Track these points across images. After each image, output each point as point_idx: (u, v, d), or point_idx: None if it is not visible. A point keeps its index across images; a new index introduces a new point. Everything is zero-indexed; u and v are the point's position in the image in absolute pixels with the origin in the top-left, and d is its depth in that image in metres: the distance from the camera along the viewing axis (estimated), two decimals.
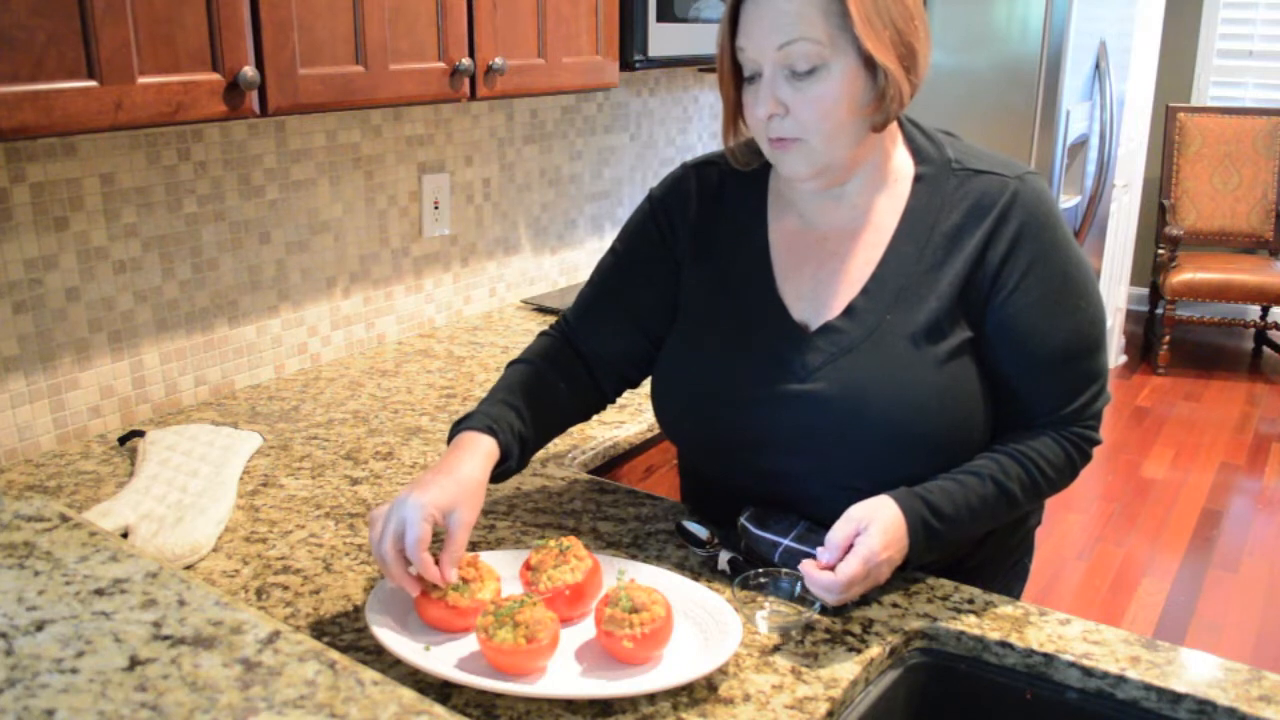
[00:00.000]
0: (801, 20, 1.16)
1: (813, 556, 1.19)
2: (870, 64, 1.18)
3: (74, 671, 0.86)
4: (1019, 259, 1.24)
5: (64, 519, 1.12)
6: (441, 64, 1.72)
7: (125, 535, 1.35)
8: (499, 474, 1.28)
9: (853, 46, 1.17)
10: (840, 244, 1.30)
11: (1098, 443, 1.32)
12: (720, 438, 1.33)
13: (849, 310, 1.27)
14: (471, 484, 1.19)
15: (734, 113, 1.28)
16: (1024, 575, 1.53)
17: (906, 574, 1.30)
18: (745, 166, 1.36)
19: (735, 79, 1.25)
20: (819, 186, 1.27)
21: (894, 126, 1.30)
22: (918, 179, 1.29)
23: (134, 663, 0.88)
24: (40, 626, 0.92)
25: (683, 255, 1.38)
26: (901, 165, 1.30)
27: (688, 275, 1.38)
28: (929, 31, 1.23)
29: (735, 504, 1.34)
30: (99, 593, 0.98)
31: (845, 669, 1.12)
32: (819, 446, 1.26)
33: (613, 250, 1.45)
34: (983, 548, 1.38)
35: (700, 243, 1.37)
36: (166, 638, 0.91)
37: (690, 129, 3.01)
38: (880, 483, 1.23)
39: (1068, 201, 3.70)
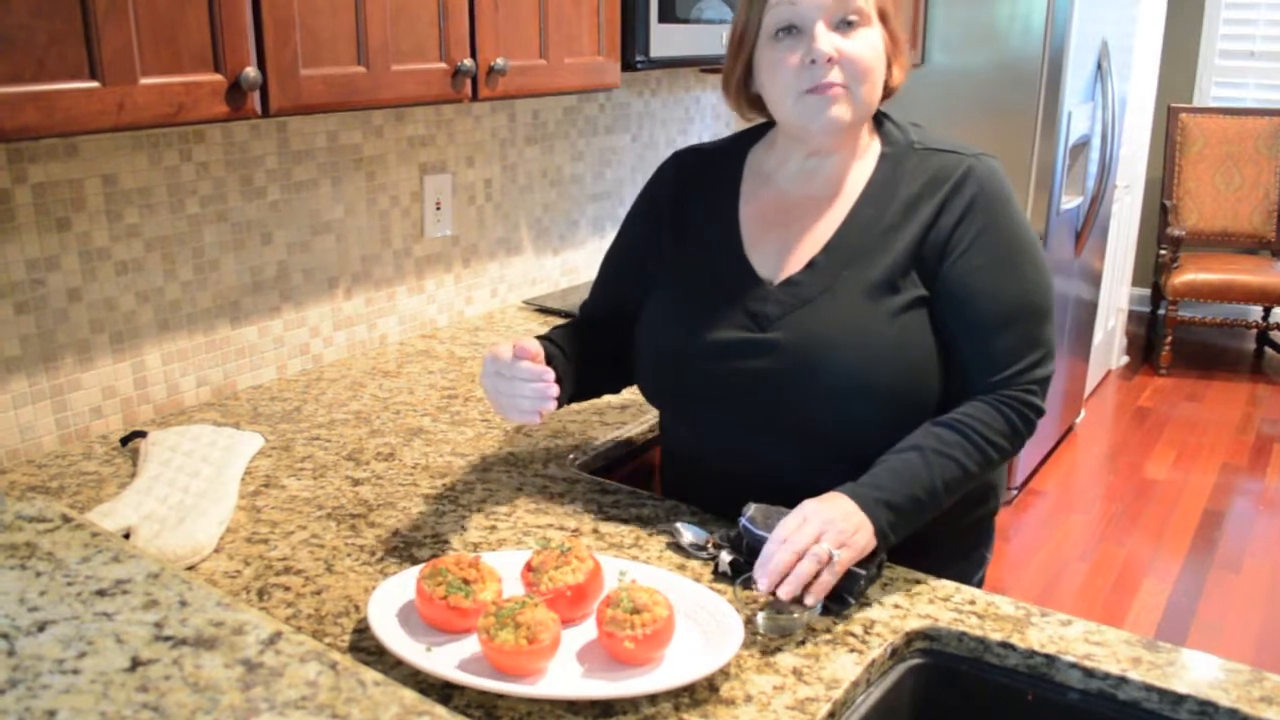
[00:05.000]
0: None
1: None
2: (891, 40, 1.35)
3: (75, 672, 0.86)
4: (970, 225, 1.33)
5: (66, 520, 1.12)
6: (443, 64, 1.72)
7: (127, 536, 1.35)
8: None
9: (877, 18, 1.34)
10: (808, 211, 1.40)
11: (1040, 410, 1.36)
12: (686, 390, 1.41)
13: (810, 266, 1.36)
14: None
15: (741, 87, 1.40)
16: (980, 564, 1.56)
17: (907, 575, 1.30)
18: (750, 121, 1.48)
19: (754, 40, 1.35)
20: (838, 144, 1.37)
21: None
22: (883, 156, 1.40)
23: (135, 663, 0.88)
24: (42, 627, 0.92)
25: (666, 238, 1.48)
26: (872, 145, 1.42)
27: (667, 251, 1.48)
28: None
29: (710, 476, 1.44)
30: (101, 593, 0.98)
31: (847, 670, 1.12)
32: (779, 396, 1.33)
33: (614, 241, 1.58)
34: (936, 535, 1.38)
35: (680, 221, 1.48)
36: (168, 638, 0.91)
37: (692, 130, 3.01)
38: (840, 439, 1.31)
39: (1069, 203, 3.70)
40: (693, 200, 1.48)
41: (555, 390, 1.28)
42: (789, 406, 1.33)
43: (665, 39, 2.16)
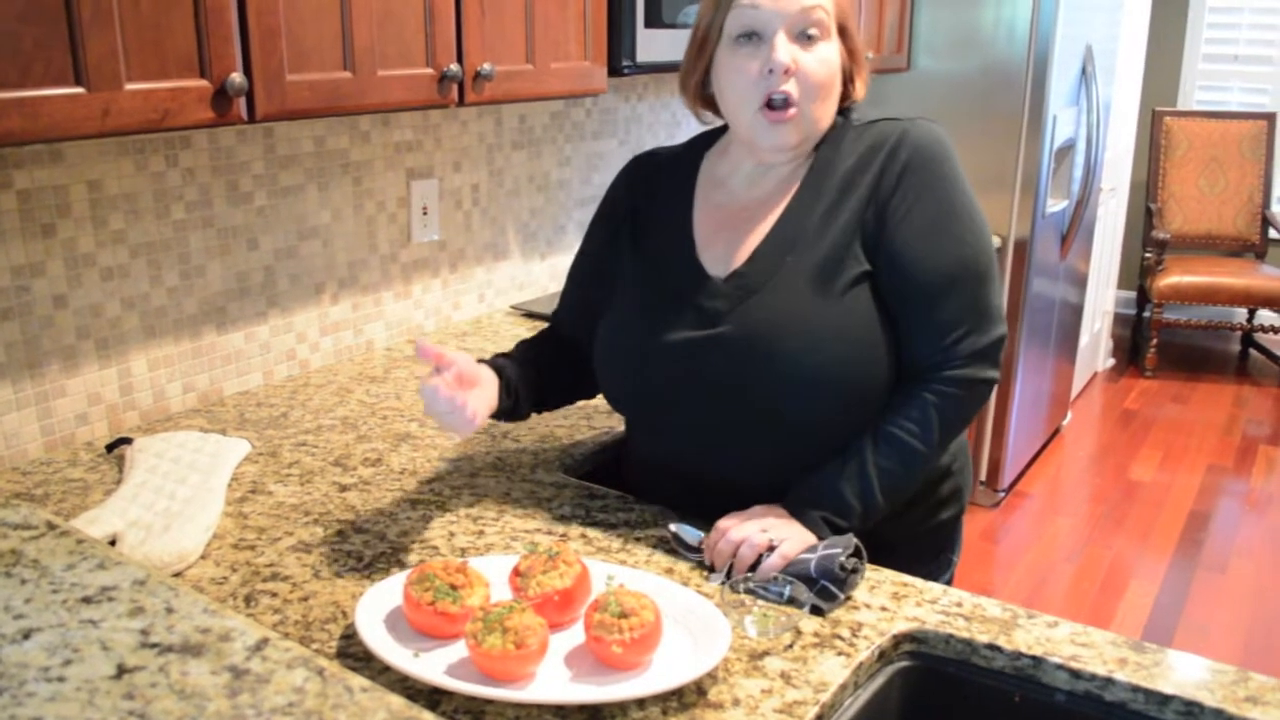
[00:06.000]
0: None
1: (801, 561, 1.25)
2: (850, 54, 1.36)
3: (61, 680, 0.86)
4: (907, 189, 1.33)
5: (51, 527, 1.12)
6: (430, 70, 1.72)
7: (113, 543, 1.34)
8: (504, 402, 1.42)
9: (836, 33, 1.34)
10: (757, 210, 1.41)
11: (990, 380, 1.36)
12: (645, 393, 1.43)
13: (753, 257, 1.37)
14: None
15: (699, 91, 1.41)
16: (947, 568, 1.58)
17: (894, 578, 1.30)
18: (704, 123, 1.49)
19: (714, 44, 1.36)
20: (789, 158, 1.39)
21: None
22: (822, 143, 1.40)
23: (121, 671, 0.87)
24: (27, 635, 0.92)
25: (624, 244, 1.50)
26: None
27: (625, 255, 1.49)
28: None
29: (673, 477, 1.45)
30: (86, 601, 0.98)
31: (834, 673, 1.12)
32: (734, 391, 1.34)
33: (580, 248, 1.60)
34: (899, 539, 1.42)
35: (637, 226, 1.49)
36: (154, 645, 0.91)
37: (679, 134, 3.02)
38: (799, 429, 1.33)
39: (1055, 206, 3.71)
40: (649, 205, 1.49)
41: (471, 414, 1.28)
42: (745, 400, 1.34)
43: (651, 44, 2.16)
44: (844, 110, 1.41)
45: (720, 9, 1.33)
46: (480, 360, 1.43)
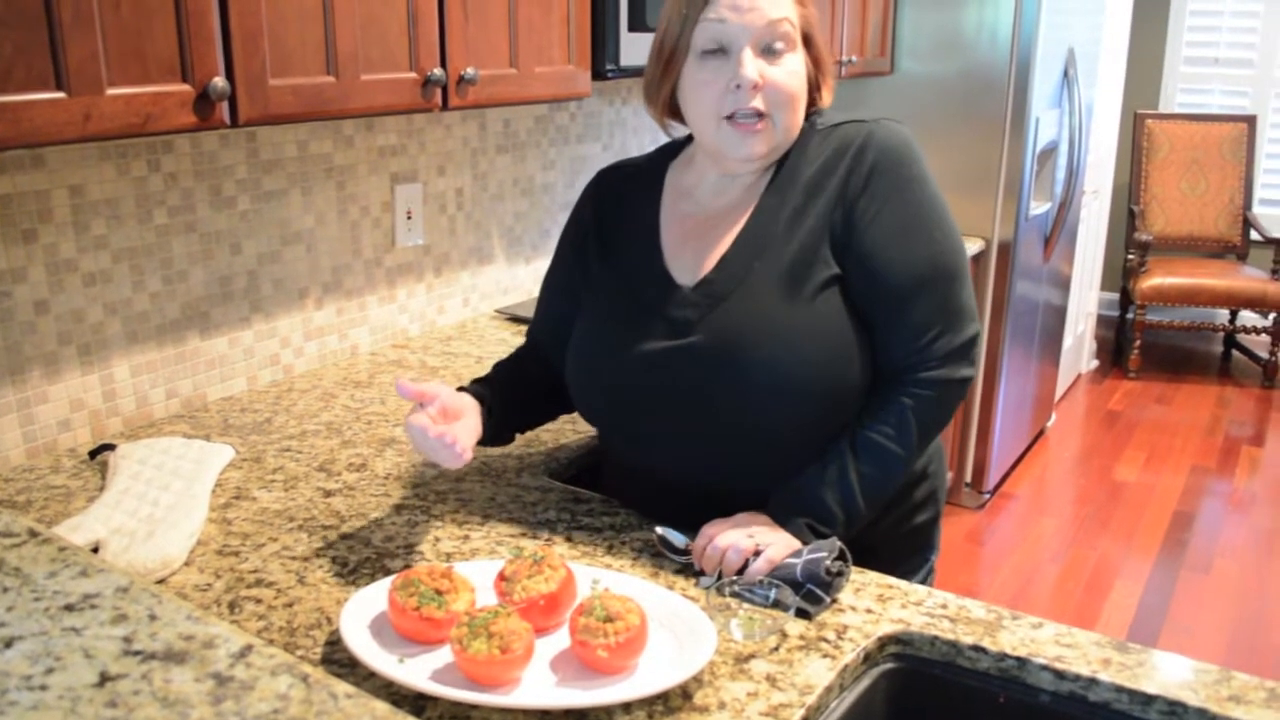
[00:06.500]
0: (784, 3, 1.32)
1: (787, 566, 1.26)
2: (815, 64, 1.37)
3: (43, 688, 0.85)
4: (874, 191, 1.32)
5: (33, 534, 1.11)
6: (413, 74, 1.72)
7: (96, 550, 1.34)
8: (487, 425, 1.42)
9: (802, 43, 1.35)
10: (723, 217, 1.41)
11: (965, 379, 1.36)
12: (617, 406, 1.42)
13: (721, 264, 1.36)
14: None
15: (667, 103, 1.41)
16: (925, 568, 1.58)
17: (879, 580, 1.31)
18: (669, 134, 1.50)
19: (683, 58, 1.35)
20: (757, 168, 1.38)
21: None
22: (789, 150, 1.40)
23: (104, 679, 0.87)
24: (9, 643, 0.91)
25: (591, 256, 1.49)
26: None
27: (593, 268, 1.48)
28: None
29: (651, 486, 1.45)
30: (69, 608, 0.97)
31: (820, 675, 1.12)
32: (707, 400, 1.33)
33: (551, 263, 1.58)
34: (874, 543, 1.42)
35: (604, 241, 1.48)
36: (137, 653, 0.90)
37: (662, 138, 3.01)
38: (774, 436, 1.33)
39: (1038, 208, 3.73)
40: (615, 218, 1.48)
41: (461, 449, 1.28)
42: (719, 408, 1.33)
43: (634, 47, 2.16)
44: (809, 115, 1.41)
45: (686, 23, 1.32)
46: (460, 389, 1.43)
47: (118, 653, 0.90)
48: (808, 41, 1.35)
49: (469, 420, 1.36)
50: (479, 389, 1.46)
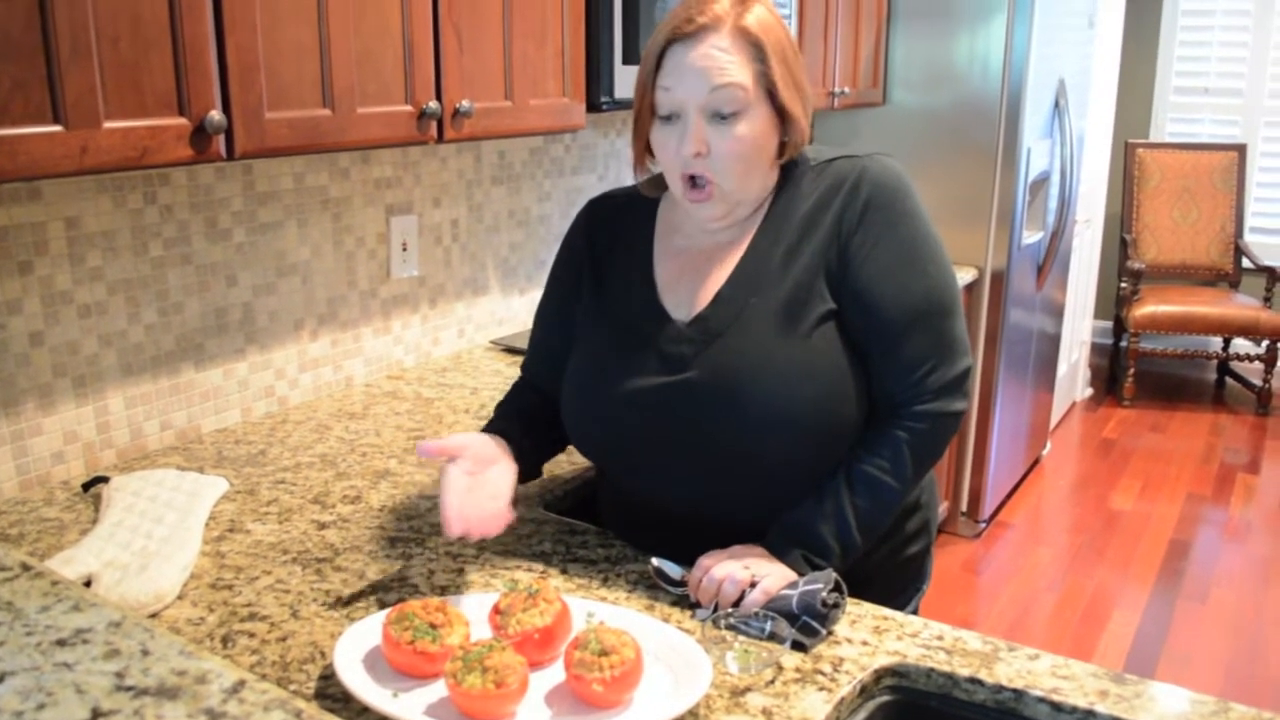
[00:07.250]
0: (732, 67, 1.28)
1: (783, 598, 1.26)
2: (780, 114, 1.32)
3: None
4: (869, 228, 1.33)
5: (25, 568, 1.10)
6: (409, 107, 1.73)
7: (88, 584, 1.33)
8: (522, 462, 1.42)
9: (767, 97, 1.31)
10: (717, 252, 1.41)
11: (958, 412, 1.37)
12: (612, 440, 1.42)
13: (716, 299, 1.37)
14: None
15: (644, 148, 1.40)
16: (916, 597, 1.59)
17: (875, 611, 1.30)
18: (654, 194, 1.49)
19: (650, 117, 1.35)
20: (726, 223, 1.39)
21: None
22: (780, 186, 1.40)
23: (96, 715, 0.86)
24: (0, 679, 0.91)
25: (585, 286, 1.49)
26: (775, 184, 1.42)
27: (587, 299, 1.48)
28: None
29: (648, 520, 1.44)
30: (61, 643, 0.97)
31: (816, 708, 1.11)
32: (703, 436, 1.34)
33: (542, 297, 1.58)
34: (867, 575, 1.42)
35: (597, 271, 1.49)
36: (129, 688, 0.90)
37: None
38: (770, 471, 1.33)
39: (1031, 238, 3.75)
40: (608, 248, 1.49)
41: (508, 518, 1.31)
42: (716, 443, 1.33)
43: (628, 80, 2.18)
44: (791, 163, 1.40)
45: (646, 90, 1.34)
46: (484, 429, 1.44)
47: (110, 688, 0.90)
48: (771, 94, 1.31)
49: (503, 465, 1.36)
50: (502, 426, 1.45)
